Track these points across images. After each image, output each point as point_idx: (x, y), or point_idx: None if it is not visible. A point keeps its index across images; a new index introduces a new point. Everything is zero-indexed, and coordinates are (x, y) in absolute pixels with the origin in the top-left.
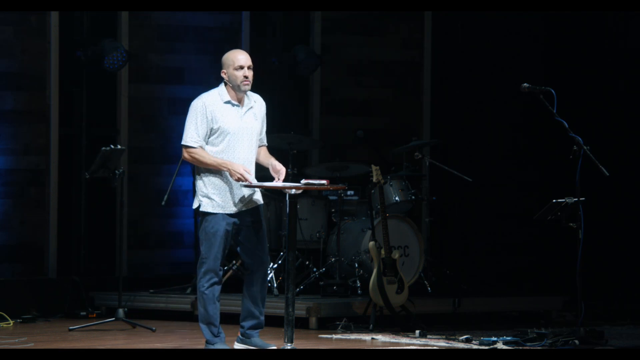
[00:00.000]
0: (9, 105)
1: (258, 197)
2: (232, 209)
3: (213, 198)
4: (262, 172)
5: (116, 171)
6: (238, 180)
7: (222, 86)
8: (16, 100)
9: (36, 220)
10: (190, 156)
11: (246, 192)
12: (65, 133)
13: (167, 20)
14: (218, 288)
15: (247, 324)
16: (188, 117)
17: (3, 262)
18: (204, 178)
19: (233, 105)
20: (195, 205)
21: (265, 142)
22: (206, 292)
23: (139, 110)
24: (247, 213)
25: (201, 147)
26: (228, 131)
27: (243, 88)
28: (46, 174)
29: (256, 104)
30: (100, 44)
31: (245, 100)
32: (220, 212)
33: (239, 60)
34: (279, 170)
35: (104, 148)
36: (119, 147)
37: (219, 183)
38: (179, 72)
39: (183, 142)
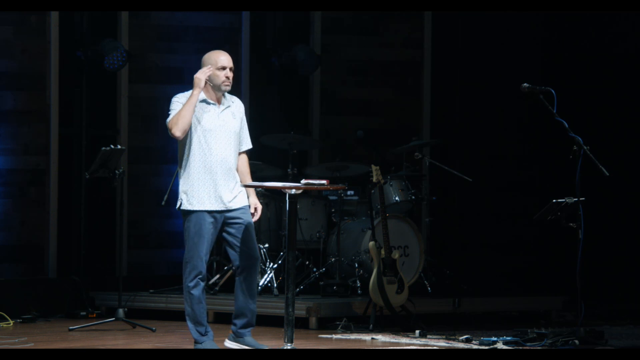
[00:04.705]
0: (9, 105)
1: (242, 198)
2: (215, 207)
3: (194, 196)
4: (262, 173)
5: (116, 171)
6: (202, 77)
7: None
8: (16, 100)
9: (36, 220)
10: (170, 125)
11: (229, 189)
12: (65, 133)
13: (167, 20)
14: (202, 286)
15: (239, 322)
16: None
17: (3, 262)
18: (185, 176)
19: (209, 103)
20: (177, 205)
21: (247, 145)
22: (192, 291)
23: (139, 110)
24: (231, 211)
25: None
26: (204, 128)
27: (224, 88)
28: (46, 174)
29: (234, 104)
30: (100, 44)
31: (223, 99)
32: (202, 209)
33: (222, 61)
34: (255, 209)
35: (104, 148)
36: (119, 147)
37: (200, 180)
38: (179, 72)
39: (168, 125)
